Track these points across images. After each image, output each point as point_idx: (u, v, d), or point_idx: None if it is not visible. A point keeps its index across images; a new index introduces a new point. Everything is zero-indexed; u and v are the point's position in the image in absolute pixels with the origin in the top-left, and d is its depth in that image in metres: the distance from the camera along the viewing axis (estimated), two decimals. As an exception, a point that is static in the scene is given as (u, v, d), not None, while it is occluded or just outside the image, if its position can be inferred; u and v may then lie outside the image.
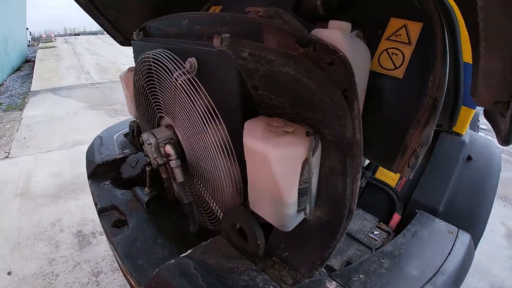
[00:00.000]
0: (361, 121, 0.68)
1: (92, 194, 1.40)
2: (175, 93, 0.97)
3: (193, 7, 1.94)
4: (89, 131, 3.97)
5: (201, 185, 1.12)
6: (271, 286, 0.76)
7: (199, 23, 1.01)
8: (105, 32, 1.79)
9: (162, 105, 1.11)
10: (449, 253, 0.96)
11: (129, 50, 1.45)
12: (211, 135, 0.90)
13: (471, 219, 1.20)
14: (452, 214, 1.17)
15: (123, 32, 1.80)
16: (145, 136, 1.09)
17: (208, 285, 0.80)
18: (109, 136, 1.76)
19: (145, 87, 1.18)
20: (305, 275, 0.89)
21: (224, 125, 0.89)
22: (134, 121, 1.69)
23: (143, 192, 1.35)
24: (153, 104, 1.18)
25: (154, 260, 1.03)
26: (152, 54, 1.04)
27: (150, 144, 1.08)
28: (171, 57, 0.96)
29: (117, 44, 1.82)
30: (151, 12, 1.87)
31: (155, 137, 1.10)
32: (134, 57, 1.39)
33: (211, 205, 1.11)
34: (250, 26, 0.82)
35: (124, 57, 11.25)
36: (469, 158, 1.38)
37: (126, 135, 1.80)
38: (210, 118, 0.89)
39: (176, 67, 0.93)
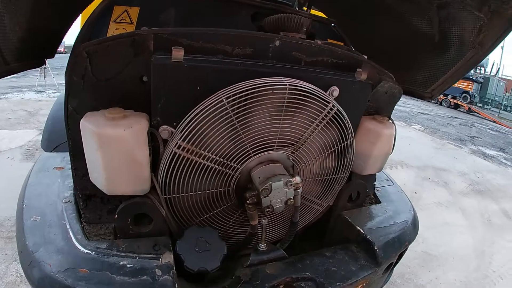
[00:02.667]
0: None
1: None
2: (320, 121, 1.11)
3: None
4: None
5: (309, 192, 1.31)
6: None
7: (298, 50, 1.11)
8: None
9: (283, 140, 1.08)
10: None
11: None
12: (341, 141, 1.20)
13: None
14: None
15: (4, 48, 1.05)
16: (278, 183, 1.02)
17: None
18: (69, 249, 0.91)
19: (237, 126, 1.00)
20: None
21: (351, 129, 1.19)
22: (140, 199, 0.99)
23: (263, 252, 1.12)
24: (247, 144, 1.04)
25: None
26: (298, 86, 0.99)
27: (294, 184, 1.06)
28: (312, 87, 1.03)
29: None
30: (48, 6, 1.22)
31: (292, 175, 1.08)
32: (167, 86, 0.91)
33: (314, 203, 1.35)
34: (350, 59, 1.22)
35: None
36: None
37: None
38: (341, 129, 1.17)
39: (326, 97, 1.06)
